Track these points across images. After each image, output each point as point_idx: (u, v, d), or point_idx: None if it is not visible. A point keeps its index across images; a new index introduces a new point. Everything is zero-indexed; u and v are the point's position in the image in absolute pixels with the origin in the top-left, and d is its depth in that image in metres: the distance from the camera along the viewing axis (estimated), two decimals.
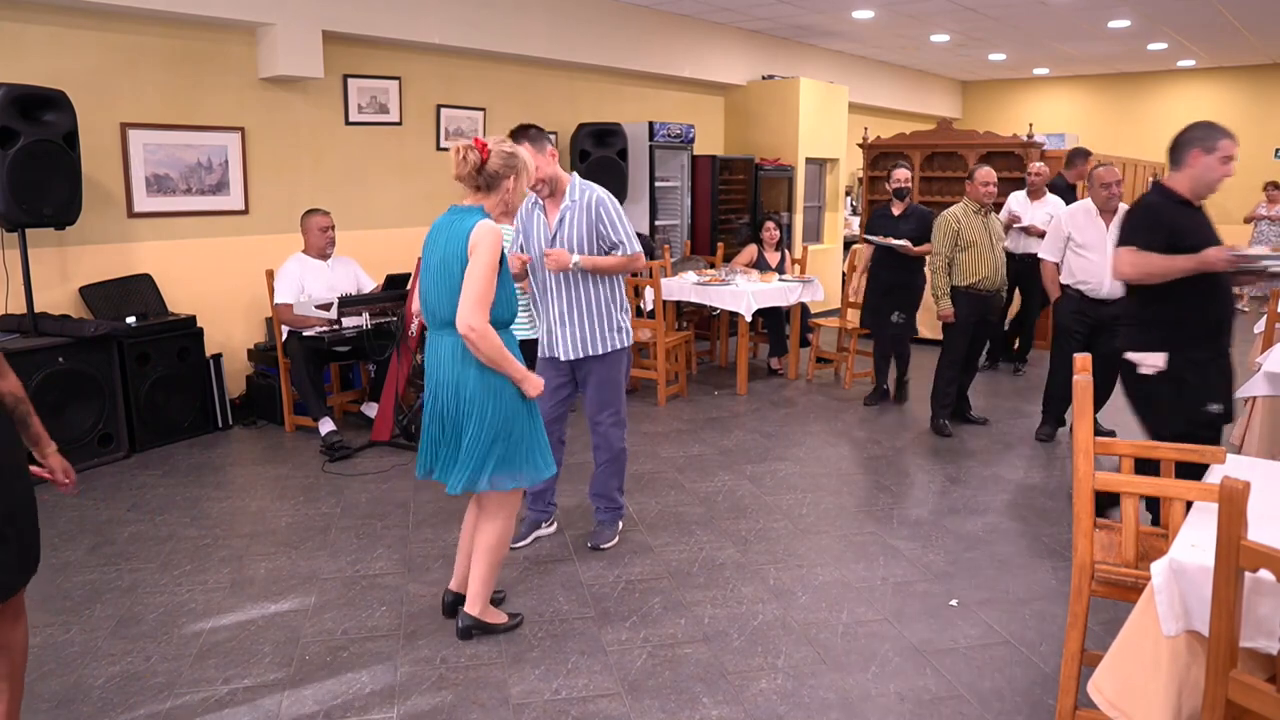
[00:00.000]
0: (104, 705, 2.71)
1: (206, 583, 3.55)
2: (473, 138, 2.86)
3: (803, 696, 2.77)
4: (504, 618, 3.17)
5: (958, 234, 5.43)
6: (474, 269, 2.73)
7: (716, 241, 8.69)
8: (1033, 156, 8.15)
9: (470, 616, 3.09)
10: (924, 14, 8.90)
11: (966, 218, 5.48)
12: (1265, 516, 1.94)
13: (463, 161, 2.80)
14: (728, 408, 6.26)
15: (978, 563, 3.76)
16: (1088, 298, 5.11)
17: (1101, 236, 5.02)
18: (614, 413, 3.79)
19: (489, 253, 2.74)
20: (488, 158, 2.81)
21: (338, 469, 4.93)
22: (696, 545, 3.92)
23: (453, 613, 3.22)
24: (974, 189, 5.54)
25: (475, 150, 2.80)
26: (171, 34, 5.57)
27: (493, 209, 2.87)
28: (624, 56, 8.22)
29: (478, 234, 2.74)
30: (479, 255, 2.73)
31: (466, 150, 2.80)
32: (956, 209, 5.52)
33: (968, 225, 5.46)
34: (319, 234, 5.47)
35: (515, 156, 2.87)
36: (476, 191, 2.86)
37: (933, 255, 5.50)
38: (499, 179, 2.84)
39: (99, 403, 4.91)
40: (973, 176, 5.59)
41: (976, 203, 5.52)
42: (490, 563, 3.05)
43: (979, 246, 5.43)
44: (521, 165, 2.89)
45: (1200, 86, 12.68)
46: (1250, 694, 1.70)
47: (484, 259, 2.73)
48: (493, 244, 2.75)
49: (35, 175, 4.61)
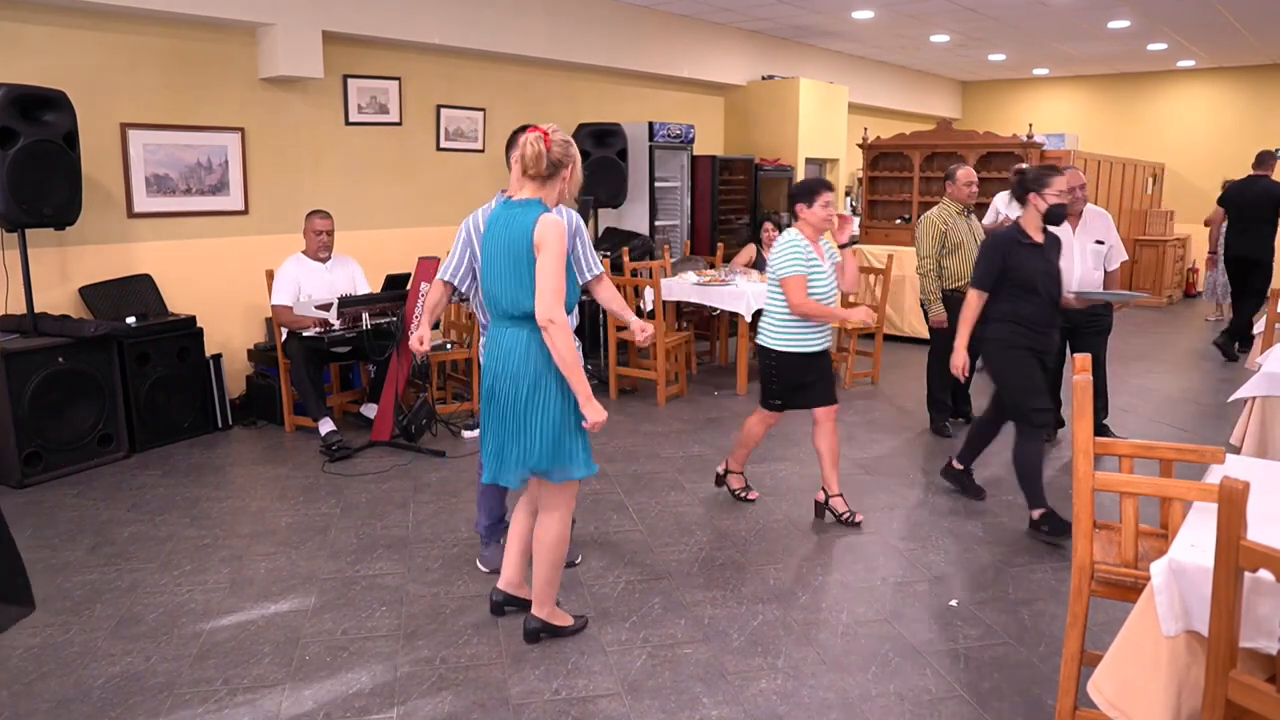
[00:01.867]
0: (104, 705, 2.71)
1: (206, 583, 3.56)
2: (533, 127, 2.89)
3: (803, 696, 2.77)
4: (570, 620, 3.15)
5: (944, 236, 5.36)
6: (545, 263, 2.76)
7: (716, 242, 8.69)
8: (1032, 157, 8.15)
9: (537, 619, 3.08)
10: (924, 14, 8.90)
11: (952, 220, 5.41)
12: (1265, 516, 1.94)
13: (538, 156, 2.83)
14: (728, 408, 6.26)
15: (978, 563, 3.76)
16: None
17: (1068, 240, 4.98)
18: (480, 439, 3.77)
19: (558, 244, 2.77)
20: (550, 147, 2.84)
21: (338, 469, 4.93)
22: (697, 546, 3.92)
23: (500, 611, 3.23)
24: (956, 190, 5.46)
25: (541, 140, 2.83)
26: (171, 34, 5.57)
27: (550, 199, 2.89)
28: (624, 56, 8.23)
29: (542, 229, 2.77)
30: (548, 249, 2.76)
31: (535, 141, 2.83)
32: (939, 211, 5.44)
33: (954, 227, 5.39)
34: (313, 236, 5.48)
35: (571, 145, 2.90)
36: (533, 181, 2.87)
37: (921, 259, 5.41)
38: (559, 168, 2.87)
39: (99, 403, 4.91)
40: (953, 177, 5.48)
41: (959, 204, 5.45)
42: (552, 560, 3.03)
43: (966, 249, 5.37)
44: (576, 155, 2.92)
45: (1200, 86, 12.68)
46: (1250, 694, 1.70)
47: (554, 251, 2.76)
48: (559, 236, 2.78)
49: (35, 175, 4.61)
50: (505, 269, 2.84)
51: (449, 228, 7.31)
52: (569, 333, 2.78)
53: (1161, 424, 5.87)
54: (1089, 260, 5.01)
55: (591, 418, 2.82)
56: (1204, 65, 12.28)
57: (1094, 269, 5.03)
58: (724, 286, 6.50)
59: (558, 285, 2.75)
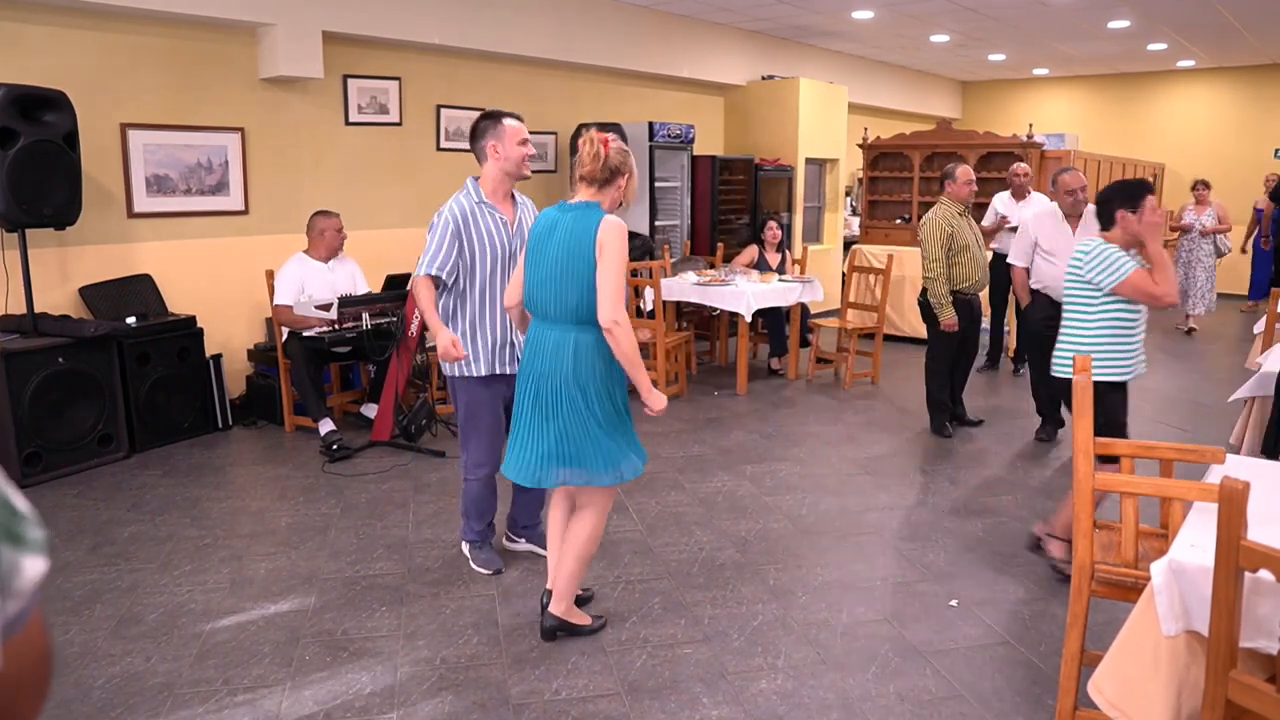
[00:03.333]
0: (104, 705, 2.71)
1: (206, 583, 3.56)
2: (593, 131, 2.92)
3: (803, 696, 2.77)
4: (589, 619, 3.15)
5: (951, 238, 5.30)
6: (608, 265, 2.78)
7: (716, 242, 8.69)
8: (1033, 157, 8.15)
9: (554, 617, 3.08)
10: (924, 14, 8.90)
11: (955, 220, 5.34)
12: (1265, 516, 1.94)
13: (595, 157, 2.86)
14: (728, 408, 6.26)
15: (978, 563, 3.76)
16: (1057, 302, 5.10)
17: (1069, 242, 4.95)
18: (460, 442, 3.67)
19: (621, 247, 2.80)
20: (609, 153, 2.87)
21: (338, 469, 4.93)
22: (696, 545, 3.92)
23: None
24: (956, 189, 5.36)
25: (602, 144, 2.86)
26: (171, 34, 5.57)
27: (608, 203, 2.91)
28: (624, 56, 8.23)
29: (605, 231, 2.79)
30: (611, 251, 2.78)
31: (594, 140, 2.86)
32: (943, 212, 5.36)
33: (959, 228, 5.33)
34: (334, 234, 5.47)
35: (629, 156, 2.93)
36: (589, 185, 2.89)
37: (931, 262, 5.33)
38: (617, 174, 2.89)
39: (99, 403, 4.91)
40: (953, 176, 5.38)
41: (960, 204, 5.40)
42: (580, 558, 3.04)
43: (971, 250, 5.34)
44: (634, 166, 2.94)
45: (1200, 87, 12.68)
46: (1250, 694, 1.70)
47: (617, 254, 2.79)
48: (621, 238, 2.81)
49: (35, 175, 4.61)
50: (561, 271, 2.83)
51: None
52: (631, 332, 2.82)
53: (1161, 424, 5.87)
54: None
55: (655, 406, 2.90)
56: (1204, 65, 12.28)
57: None
58: (724, 286, 6.51)
59: (619, 286, 2.79)
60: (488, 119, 3.43)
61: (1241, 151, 12.38)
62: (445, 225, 3.34)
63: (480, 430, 3.54)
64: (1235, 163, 12.33)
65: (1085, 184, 4.96)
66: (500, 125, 3.39)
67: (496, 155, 3.39)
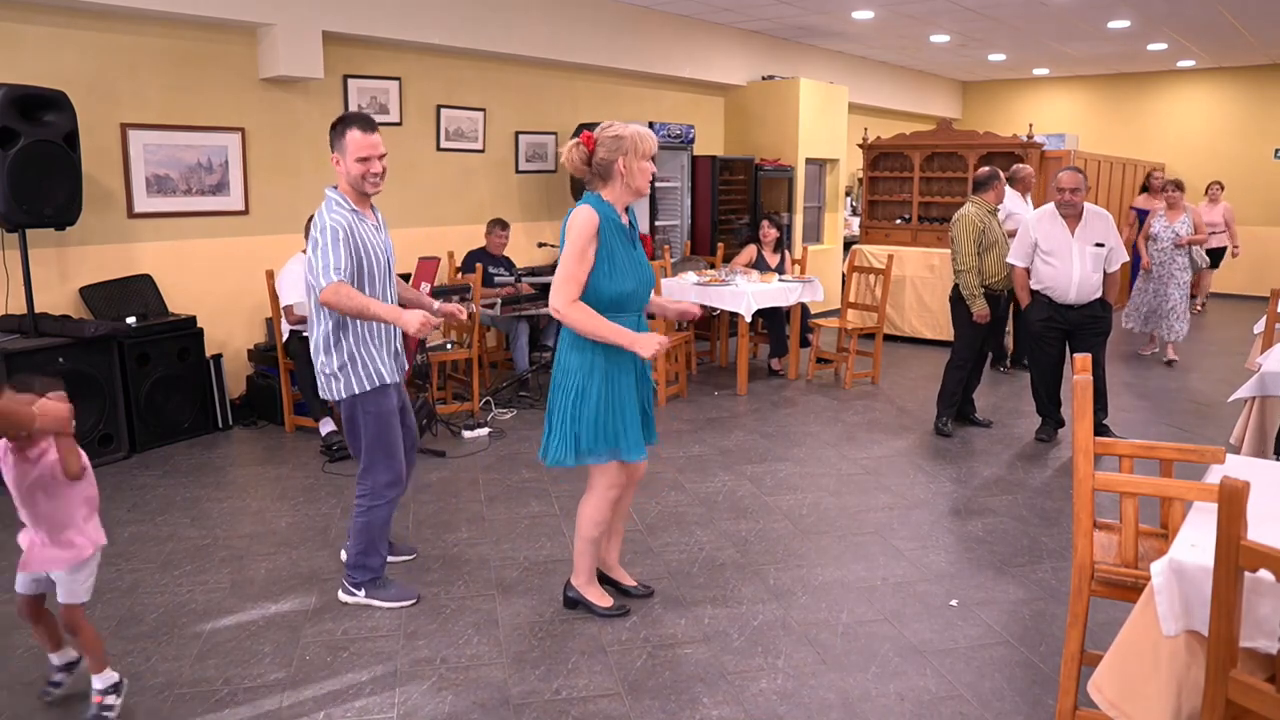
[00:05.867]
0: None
1: (206, 583, 3.55)
2: (582, 134, 2.94)
3: (803, 696, 2.77)
4: (609, 601, 3.27)
5: (982, 234, 5.47)
6: (563, 252, 2.89)
7: (716, 242, 8.69)
8: (1033, 157, 8.16)
9: (573, 587, 3.26)
10: (924, 14, 8.90)
11: (986, 219, 5.53)
12: (1265, 516, 1.94)
13: (570, 161, 2.93)
14: (728, 408, 6.26)
15: (978, 563, 3.76)
16: (1056, 303, 5.12)
17: (1067, 242, 5.03)
18: (363, 468, 3.34)
19: (575, 235, 2.86)
20: (594, 149, 2.90)
21: (338, 469, 4.93)
22: (696, 545, 3.92)
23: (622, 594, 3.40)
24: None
25: (581, 146, 2.91)
26: (171, 34, 5.57)
27: (613, 195, 2.95)
28: (624, 57, 8.23)
29: (570, 219, 2.90)
30: (568, 239, 2.88)
31: (572, 149, 2.92)
32: (975, 210, 5.54)
33: (989, 226, 5.53)
34: None
35: (620, 139, 2.91)
36: (593, 181, 2.96)
37: (964, 256, 5.47)
38: (609, 165, 2.91)
39: (99, 403, 4.91)
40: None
41: (989, 204, 5.59)
42: (581, 537, 3.20)
43: (999, 247, 5.51)
44: (629, 144, 2.90)
45: (1200, 87, 12.68)
46: (1250, 694, 1.70)
47: (570, 242, 2.88)
48: (578, 226, 2.86)
49: (35, 176, 4.61)
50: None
51: (449, 228, 7.32)
52: (573, 316, 2.87)
53: (1161, 424, 5.87)
54: (1088, 263, 5.01)
55: (644, 353, 2.88)
56: (1204, 65, 12.28)
57: (1093, 272, 5.03)
58: (724, 287, 6.50)
59: (566, 273, 2.86)
60: (336, 125, 3.13)
61: (1241, 151, 12.38)
62: (334, 232, 3.04)
63: (391, 446, 3.30)
64: (1235, 163, 12.33)
65: (1078, 184, 4.96)
66: (344, 137, 3.10)
67: (339, 168, 3.14)
